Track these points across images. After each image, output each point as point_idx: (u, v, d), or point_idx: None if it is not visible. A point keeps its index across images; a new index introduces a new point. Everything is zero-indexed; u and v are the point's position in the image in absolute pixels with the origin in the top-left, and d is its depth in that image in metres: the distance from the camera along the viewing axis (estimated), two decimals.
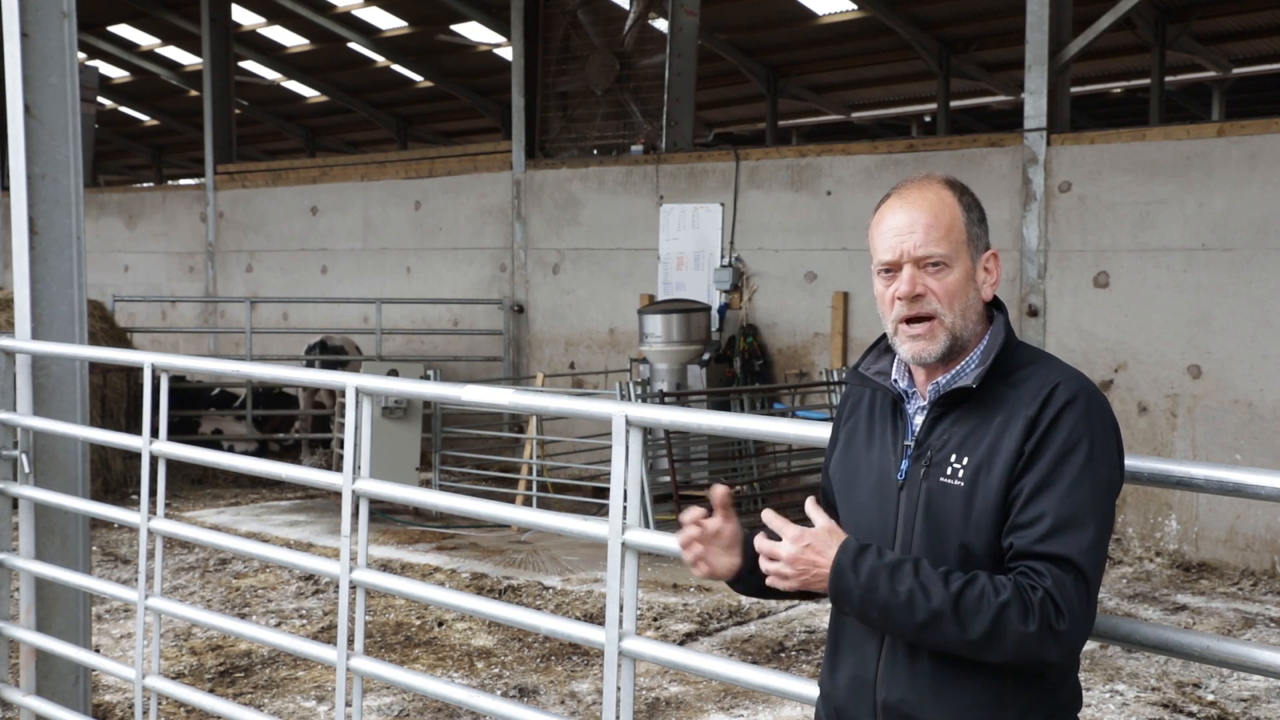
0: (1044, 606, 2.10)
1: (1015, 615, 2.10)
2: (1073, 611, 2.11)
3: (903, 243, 2.30)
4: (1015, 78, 18.99)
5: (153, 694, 4.47)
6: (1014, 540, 2.17)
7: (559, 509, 10.44)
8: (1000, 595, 2.11)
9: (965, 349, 2.33)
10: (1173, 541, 9.89)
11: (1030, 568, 2.14)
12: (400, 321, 15.33)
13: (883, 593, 2.17)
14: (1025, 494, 2.17)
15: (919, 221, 2.30)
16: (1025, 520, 2.16)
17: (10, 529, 4.99)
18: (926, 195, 2.33)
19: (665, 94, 13.59)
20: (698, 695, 6.50)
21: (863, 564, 2.19)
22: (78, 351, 4.87)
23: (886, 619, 2.19)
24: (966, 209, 2.34)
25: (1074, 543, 2.13)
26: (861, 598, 2.19)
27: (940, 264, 2.29)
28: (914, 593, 2.14)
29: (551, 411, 3.68)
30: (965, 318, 2.31)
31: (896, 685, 2.29)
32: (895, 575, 2.17)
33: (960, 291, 2.30)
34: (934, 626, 2.14)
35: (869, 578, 2.18)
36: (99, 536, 10.17)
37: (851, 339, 11.77)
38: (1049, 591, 2.10)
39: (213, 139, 17.89)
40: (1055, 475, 2.16)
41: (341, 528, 3.75)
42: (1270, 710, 6.46)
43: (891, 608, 2.16)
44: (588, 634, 3.29)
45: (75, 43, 4.92)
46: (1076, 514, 2.15)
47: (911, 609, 2.14)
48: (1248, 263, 9.59)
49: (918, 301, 2.29)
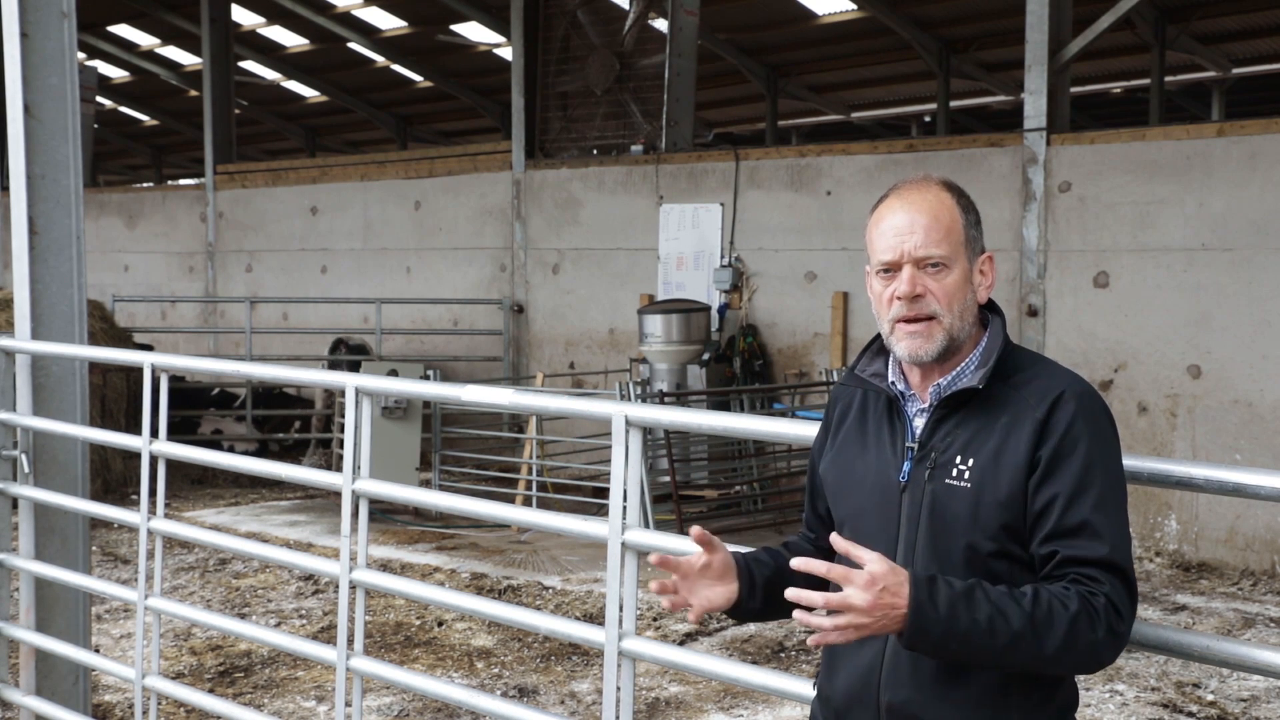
0: (1108, 612, 2.13)
1: (1085, 624, 2.11)
2: (1127, 614, 2.16)
3: (903, 243, 2.30)
4: (1015, 78, 19.00)
5: (153, 694, 4.47)
6: (1059, 549, 2.18)
7: (559, 509, 10.45)
8: (1070, 607, 2.11)
9: (960, 350, 2.34)
10: (1172, 541, 9.89)
11: (1084, 574, 2.15)
12: (400, 321, 15.33)
13: (963, 623, 2.09)
14: (1060, 504, 2.18)
15: (919, 222, 2.30)
16: (1068, 529, 2.18)
17: (10, 529, 4.99)
18: (926, 196, 2.33)
19: (665, 94, 13.59)
20: (698, 695, 6.50)
21: (938, 596, 2.10)
22: (78, 351, 4.87)
23: (967, 648, 2.12)
24: (964, 211, 2.34)
25: (1120, 549, 2.17)
26: (944, 632, 2.10)
27: (940, 265, 2.30)
28: (994, 618, 2.09)
29: (551, 411, 3.68)
30: (963, 319, 2.32)
31: (901, 687, 2.28)
32: (971, 603, 2.11)
33: (958, 293, 2.31)
34: (1015, 648, 2.11)
35: (949, 610, 2.09)
36: (99, 536, 10.17)
37: (851, 339, 11.77)
38: (1109, 597, 2.14)
39: (213, 139, 17.89)
40: (1088, 484, 2.18)
41: (341, 528, 3.75)
42: (1270, 710, 6.46)
43: (974, 636, 2.10)
44: (588, 634, 3.29)
45: (75, 43, 4.92)
46: (1116, 521, 2.19)
47: (993, 634, 2.09)
48: (1248, 263, 9.59)
49: (917, 302, 2.29)
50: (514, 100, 14.76)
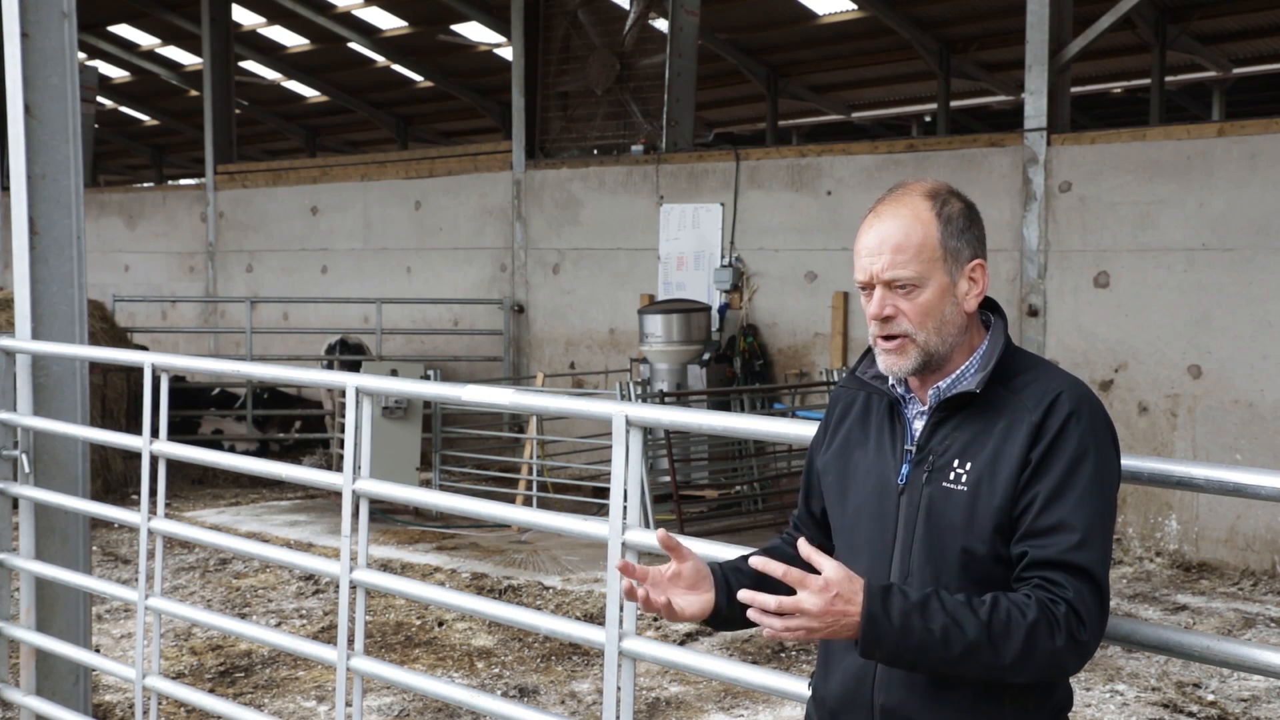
0: (1068, 619, 2.10)
1: (1044, 632, 2.09)
2: (1092, 621, 2.12)
3: (872, 264, 2.29)
4: (1015, 78, 18.99)
5: (153, 694, 4.47)
6: (1029, 549, 2.16)
7: (559, 509, 10.44)
8: (1027, 615, 2.09)
9: (946, 361, 2.32)
10: (1173, 541, 9.89)
11: (1048, 579, 2.13)
12: (400, 321, 15.34)
13: (917, 634, 2.09)
14: (1039, 504, 2.17)
15: (887, 244, 2.27)
16: (1041, 529, 2.16)
17: (10, 529, 4.99)
18: (900, 213, 2.29)
19: (665, 94, 13.59)
20: (698, 695, 6.50)
21: (892, 607, 2.10)
22: (78, 351, 4.87)
23: (922, 658, 2.11)
24: (945, 221, 2.28)
25: (1091, 553, 2.14)
26: (896, 642, 2.10)
27: (909, 286, 2.27)
28: (949, 628, 2.08)
29: (551, 411, 3.69)
30: (941, 334, 2.29)
31: (895, 689, 2.28)
32: (925, 612, 2.10)
33: (933, 310, 2.28)
34: (970, 658, 2.10)
35: (902, 620, 2.09)
36: (99, 536, 10.17)
37: (852, 339, 11.77)
38: (1070, 603, 2.11)
39: (213, 139, 17.89)
40: (1067, 485, 2.16)
41: (341, 528, 3.76)
42: (1270, 710, 6.46)
43: (929, 647, 2.09)
44: (588, 634, 3.29)
45: (75, 43, 4.92)
46: (1091, 524, 2.15)
47: (947, 644, 2.09)
48: (1248, 263, 9.59)
49: (889, 323, 2.29)
50: (514, 100, 14.76)
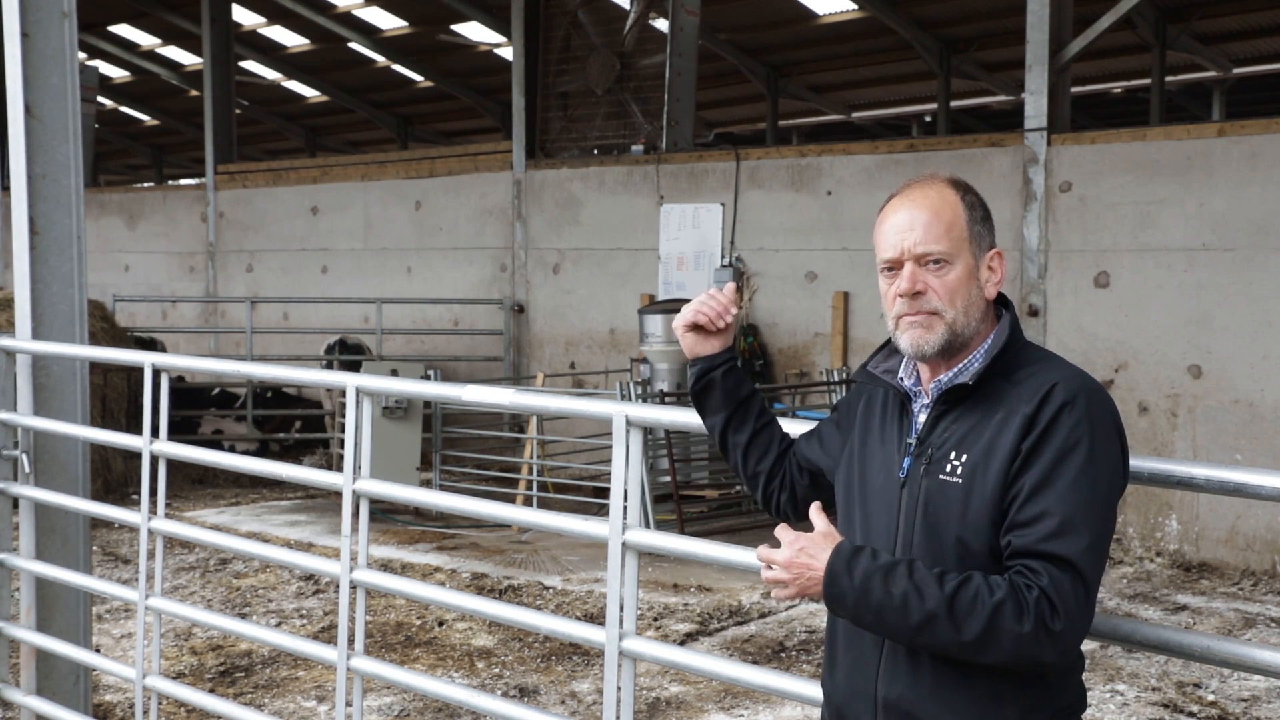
0: (1039, 606, 2.09)
1: (1010, 615, 2.09)
2: (1069, 611, 2.10)
3: (903, 240, 2.31)
4: (1015, 78, 19.00)
5: (153, 694, 4.47)
6: (1012, 538, 2.17)
7: (559, 509, 10.44)
8: (995, 595, 2.10)
9: (967, 346, 2.33)
10: (1173, 541, 9.89)
11: (1027, 566, 2.13)
12: (401, 321, 15.34)
13: (877, 595, 2.15)
14: (1024, 493, 2.17)
15: (919, 219, 2.31)
16: (1024, 519, 2.16)
17: (10, 529, 4.99)
18: (928, 194, 2.34)
19: (665, 94, 13.60)
20: (698, 695, 6.50)
21: (856, 566, 2.18)
22: (78, 351, 4.87)
23: (881, 622, 2.17)
24: (969, 207, 2.34)
25: (1072, 542, 2.12)
26: (856, 601, 2.17)
27: (941, 261, 2.30)
28: (908, 595, 2.12)
29: (551, 411, 3.68)
30: (968, 314, 2.31)
31: (897, 683, 2.29)
32: (889, 577, 2.15)
33: (962, 288, 2.31)
34: (929, 628, 2.12)
35: (863, 580, 2.16)
36: (99, 536, 10.17)
37: (852, 339, 11.77)
38: (1044, 590, 2.09)
39: (213, 139, 17.89)
40: (1054, 475, 2.15)
41: (342, 528, 3.75)
42: (1270, 710, 6.46)
43: (886, 610, 2.15)
44: (588, 634, 3.29)
45: (75, 43, 4.92)
46: (1075, 514, 2.14)
47: (906, 611, 2.13)
48: (1248, 263, 9.59)
49: (918, 299, 2.30)
50: (514, 100, 14.76)
